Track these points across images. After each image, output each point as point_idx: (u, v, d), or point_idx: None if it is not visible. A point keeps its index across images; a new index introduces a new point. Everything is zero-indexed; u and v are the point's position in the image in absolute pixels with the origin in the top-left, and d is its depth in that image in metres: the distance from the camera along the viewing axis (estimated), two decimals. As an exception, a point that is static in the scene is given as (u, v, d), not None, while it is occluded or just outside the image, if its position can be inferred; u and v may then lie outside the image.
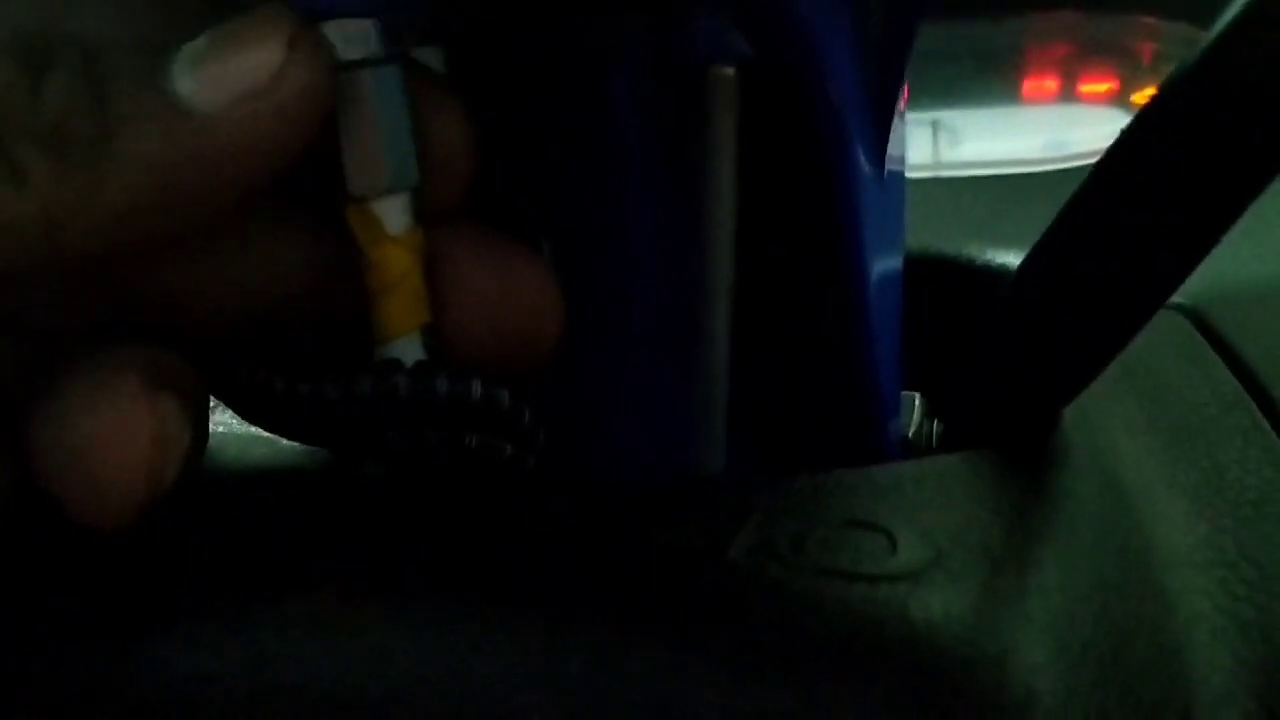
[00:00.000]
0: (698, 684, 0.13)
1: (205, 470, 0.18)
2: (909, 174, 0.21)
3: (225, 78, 0.15)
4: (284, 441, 0.19)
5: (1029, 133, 0.47)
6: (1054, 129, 0.46)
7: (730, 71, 0.18)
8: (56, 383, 0.15)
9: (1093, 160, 0.16)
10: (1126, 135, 0.15)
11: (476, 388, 0.17)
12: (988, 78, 0.48)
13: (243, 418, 0.18)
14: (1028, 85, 0.48)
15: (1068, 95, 0.48)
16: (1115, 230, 0.16)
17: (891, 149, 0.19)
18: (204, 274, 0.17)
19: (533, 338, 0.17)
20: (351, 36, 0.16)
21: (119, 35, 0.15)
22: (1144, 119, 0.15)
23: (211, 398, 0.18)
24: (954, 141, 0.46)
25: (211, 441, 0.18)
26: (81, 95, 0.14)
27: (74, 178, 0.14)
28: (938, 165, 0.44)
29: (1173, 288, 0.16)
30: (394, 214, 0.16)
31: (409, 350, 0.17)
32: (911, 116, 0.20)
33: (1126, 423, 0.22)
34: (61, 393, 0.15)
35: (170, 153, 0.14)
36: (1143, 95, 0.47)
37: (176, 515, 0.16)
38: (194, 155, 0.15)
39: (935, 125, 0.45)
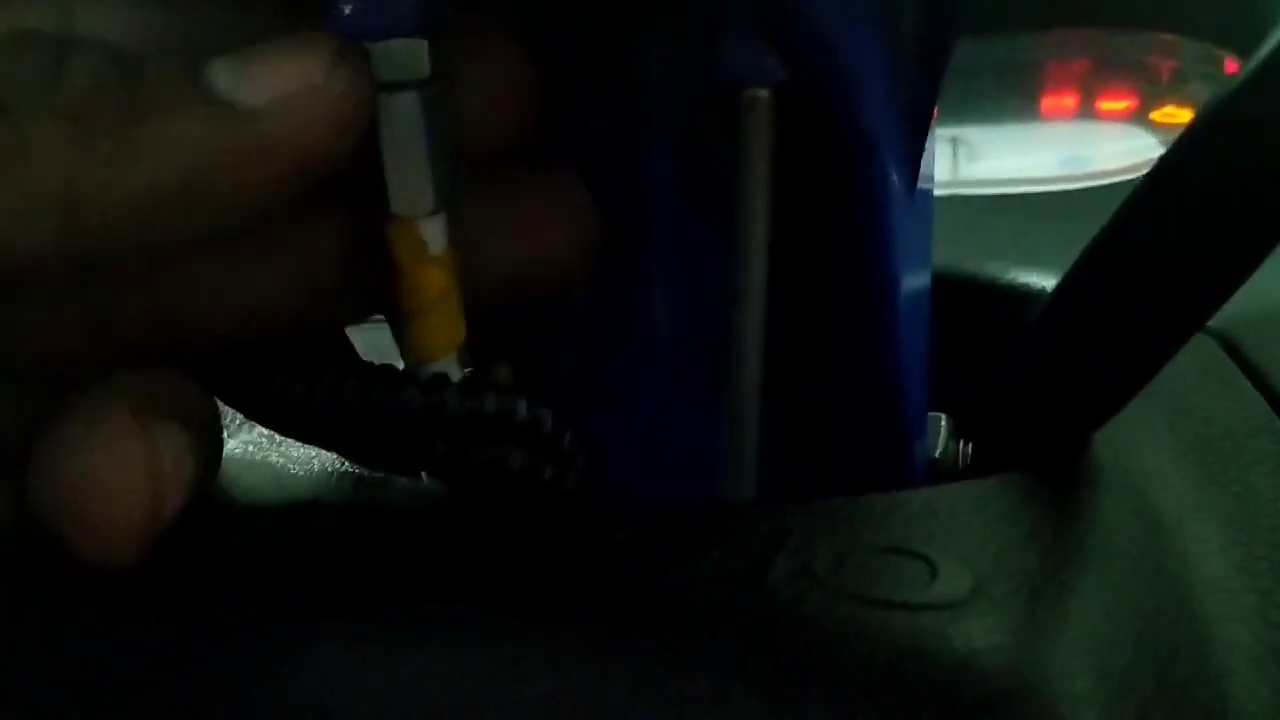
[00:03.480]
0: (740, 712, 0.13)
1: (230, 493, 0.18)
2: (929, 192, 0.21)
3: (268, 78, 0.14)
4: (315, 465, 0.19)
5: (1047, 150, 0.47)
6: (1072, 146, 0.46)
7: (765, 93, 0.18)
8: (53, 421, 0.15)
9: (1111, 178, 0.16)
10: (1164, 160, 0.15)
11: (522, 407, 0.17)
12: (1007, 94, 0.47)
13: (276, 431, 0.18)
14: (1046, 102, 0.48)
15: (1086, 112, 0.48)
16: (1152, 256, 0.16)
17: (922, 167, 0.19)
18: (225, 284, 0.16)
19: (567, 253, 0.18)
20: (401, 57, 0.15)
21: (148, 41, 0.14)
22: (1182, 144, 0.15)
23: (240, 417, 0.18)
24: (972, 158, 0.45)
25: (236, 466, 0.18)
26: (106, 77, 0.14)
27: (96, 156, 0.13)
28: (957, 183, 0.44)
29: (1210, 313, 0.16)
30: (435, 233, 0.16)
31: (447, 370, 0.17)
32: (933, 133, 0.20)
33: (1156, 446, 0.22)
34: (54, 431, 0.15)
35: (204, 140, 0.14)
36: (1162, 113, 0.47)
37: (199, 543, 0.16)
38: (229, 147, 0.14)
39: (955, 142, 0.45)
